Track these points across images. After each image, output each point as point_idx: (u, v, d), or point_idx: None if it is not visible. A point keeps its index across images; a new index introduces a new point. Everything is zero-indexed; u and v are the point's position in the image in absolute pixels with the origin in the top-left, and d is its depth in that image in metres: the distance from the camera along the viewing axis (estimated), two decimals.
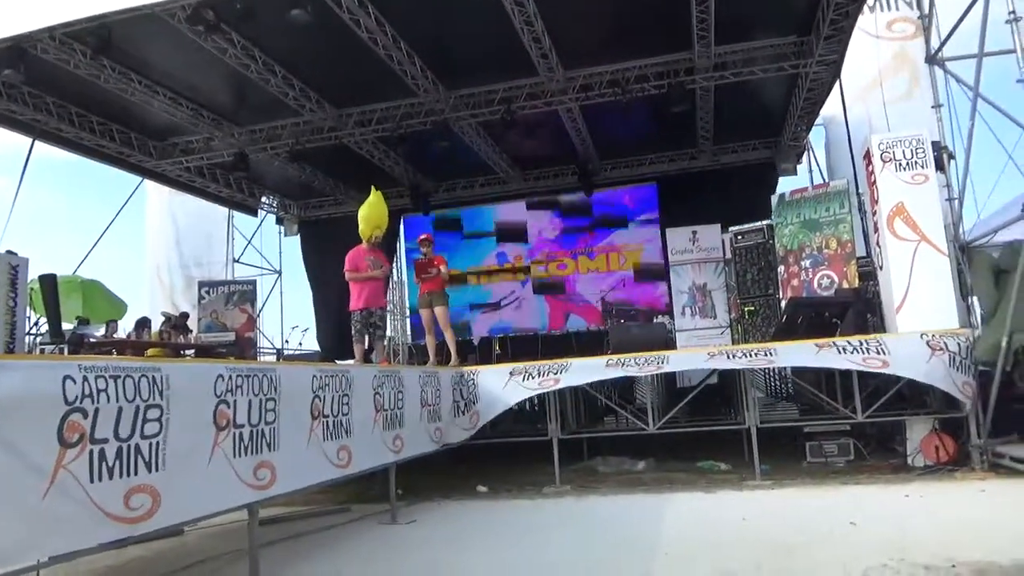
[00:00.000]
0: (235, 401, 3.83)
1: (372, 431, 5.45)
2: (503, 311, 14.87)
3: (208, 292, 13.43)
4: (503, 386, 7.17)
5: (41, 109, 10.40)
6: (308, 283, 15.84)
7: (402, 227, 15.14)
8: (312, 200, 15.60)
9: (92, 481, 2.96)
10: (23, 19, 7.55)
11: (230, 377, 3.83)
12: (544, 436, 7.35)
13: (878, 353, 6.29)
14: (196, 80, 10.33)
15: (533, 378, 7.07)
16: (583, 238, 14.62)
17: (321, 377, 4.78)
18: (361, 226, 7.67)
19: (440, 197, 15.04)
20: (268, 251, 16.33)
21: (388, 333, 13.78)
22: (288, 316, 16.25)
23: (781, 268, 10.37)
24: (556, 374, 7.04)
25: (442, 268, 8.25)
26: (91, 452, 2.97)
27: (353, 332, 7.54)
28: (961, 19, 7.67)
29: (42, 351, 9.00)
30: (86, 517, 2.92)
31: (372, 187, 7.77)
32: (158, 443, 3.31)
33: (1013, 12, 6.65)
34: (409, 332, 15.76)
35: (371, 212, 7.67)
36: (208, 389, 3.71)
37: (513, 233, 14.94)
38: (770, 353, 6.61)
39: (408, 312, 15.45)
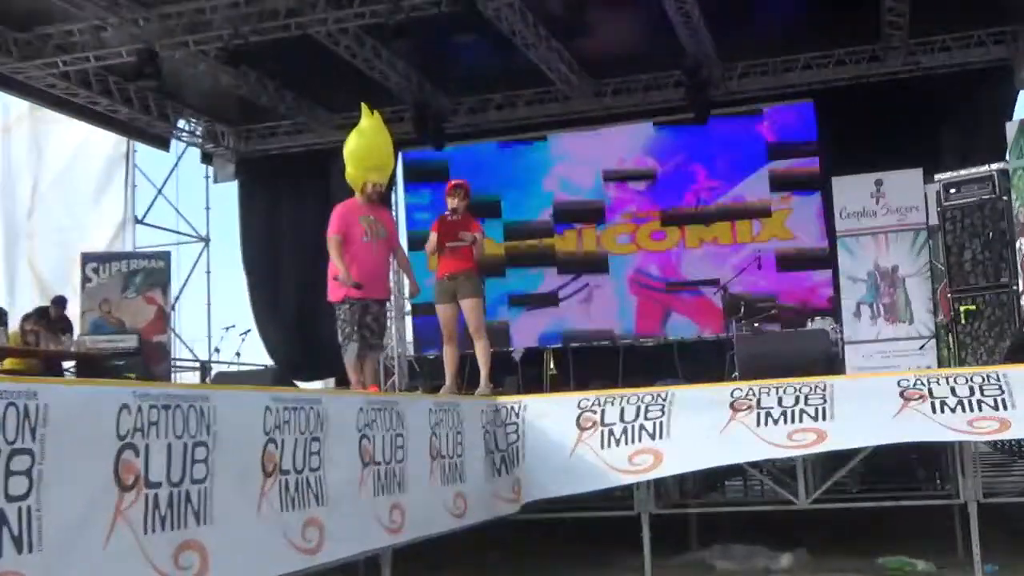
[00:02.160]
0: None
1: (357, 497, 5.51)
2: (563, 307, 14.96)
3: (96, 271, 13.70)
4: (570, 447, 7.14)
5: None
6: (243, 257, 16.13)
7: (400, 169, 15.28)
8: (258, 126, 15.82)
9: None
10: None
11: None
12: (627, 510, 7.39)
13: None
14: None
15: (616, 442, 6.99)
16: (693, 191, 14.59)
17: (277, 411, 4.88)
18: (349, 169, 7.69)
19: (460, 122, 15.15)
20: (189, 206, 16.63)
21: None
22: (220, 309, 16.49)
23: (1022, 242, 10.23)
24: (654, 439, 6.97)
25: (478, 235, 8.27)
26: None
27: (340, 334, 7.63)
28: None
29: None
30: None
31: (364, 106, 7.81)
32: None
33: None
34: (410, 338, 15.89)
35: (364, 145, 7.69)
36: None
37: (579, 183, 15.01)
38: (1004, 403, 6.47)
39: (410, 307, 15.58)
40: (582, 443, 7.11)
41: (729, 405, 6.96)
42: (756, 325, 11.89)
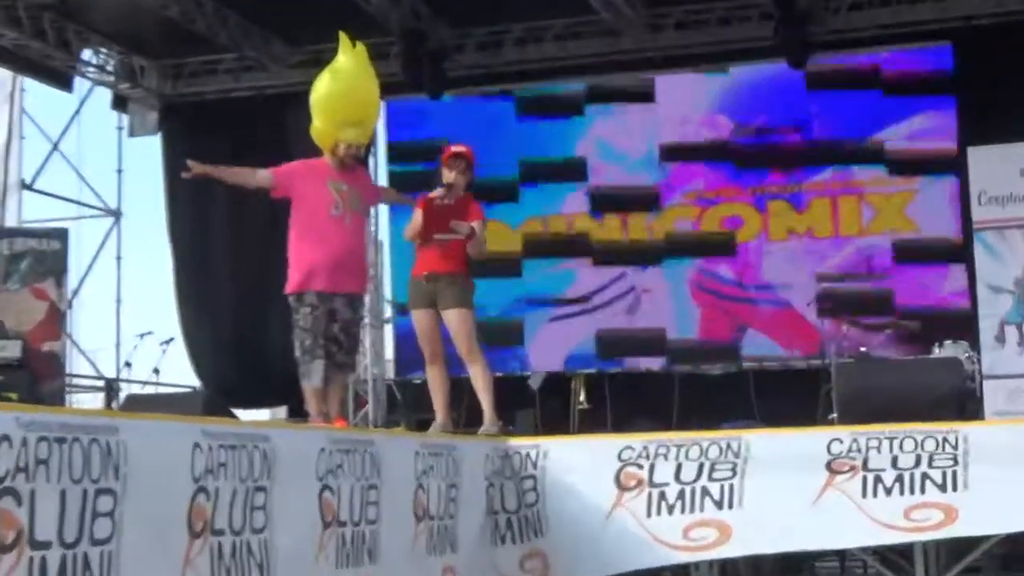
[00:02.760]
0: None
1: (313, 569, 5.54)
2: (599, 317, 14.99)
3: None
4: (605, 510, 7.14)
5: None
6: (171, 232, 16.17)
7: (382, 125, 15.26)
8: (190, 60, 15.85)
9: None
10: None
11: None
12: None
13: None
14: None
15: (669, 510, 6.94)
16: (782, 163, 14.61)
17: (210, 450, 4.89)
18: (317, 122, 7.76)
19: (467, 61, 15.20)
20: (95, 169, 16.67)
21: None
22: (133, 308, 16.50)
23: None
24: (721, 507, 6.91)
25: (477, 226, 8.22)
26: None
27: (297, 347, 7.64)
28: None
29: None
30: None
31: (342, 36, 7.82)
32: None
33: None
34: (390, 355, 15.89)
35: (340, 91, 7.74)
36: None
37: (627, 149, 14.99)
38: None
39: (392, 311, 15.57)
40: (622, 507, 7.13)
41: (825, 465, 6.96)
42: (863, 349, 11.85)
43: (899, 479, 6.78)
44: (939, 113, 14.01)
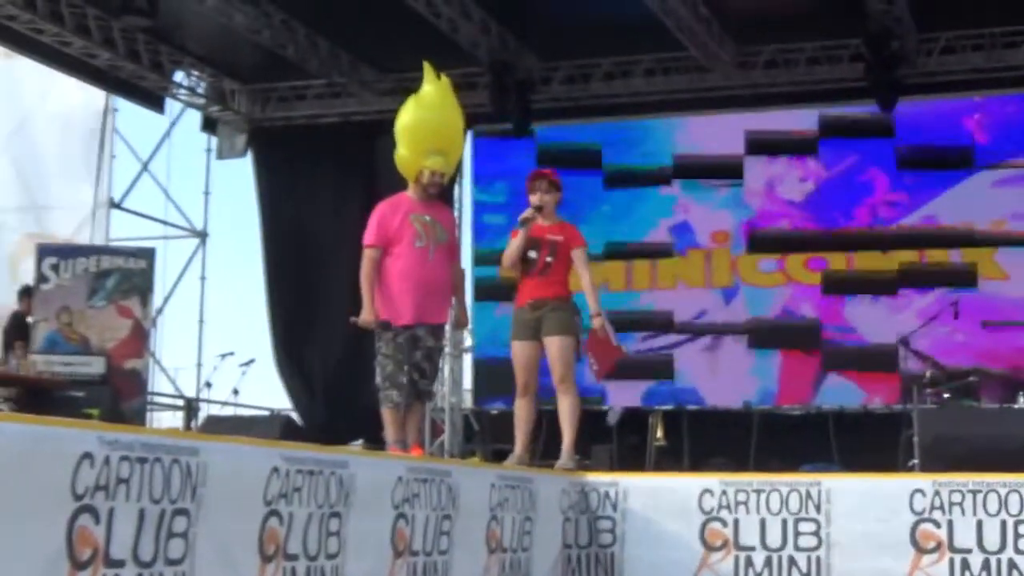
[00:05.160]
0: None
1: None
2: (680, 354, 14.95)
3: (56, 268, 13.79)
4: (691, 569, 7.08)
5: None
6: (265, 258, 16.28)
7: (468, 156, 15.32)
8: (280, 85, 15.99)
9: None
10: None
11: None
12: None
13: None
14: None
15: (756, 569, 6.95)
16: (868, 206, 14.51)
17: (287, 474, 4.89)
18: (402, 149, 7.75)
19: (554, 94, 15.22)
20: (182, 190, 16.90)
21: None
22: (216, 328, 16.65)
23: None
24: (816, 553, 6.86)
25: (579, 252, 8.23)
26: None
27: (379, 373, 7.63)
28: None
29: None
30: None
31: (427, 65, 7.88)
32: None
33: None
34: (468, 382, 15.87)
35: (425, 120, 7.75)
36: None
37: (712, 188, 14.97)
38: None
39: (471, 340, 15.54)
40: (708, 568, 7.06)
41: (910, 534, 6.85)
42: (946, 396, 11.69)
43: (986, 565, 6.68)
44: None
